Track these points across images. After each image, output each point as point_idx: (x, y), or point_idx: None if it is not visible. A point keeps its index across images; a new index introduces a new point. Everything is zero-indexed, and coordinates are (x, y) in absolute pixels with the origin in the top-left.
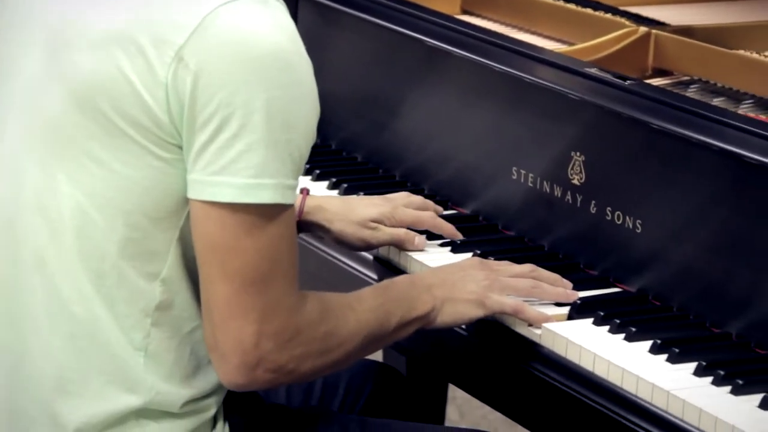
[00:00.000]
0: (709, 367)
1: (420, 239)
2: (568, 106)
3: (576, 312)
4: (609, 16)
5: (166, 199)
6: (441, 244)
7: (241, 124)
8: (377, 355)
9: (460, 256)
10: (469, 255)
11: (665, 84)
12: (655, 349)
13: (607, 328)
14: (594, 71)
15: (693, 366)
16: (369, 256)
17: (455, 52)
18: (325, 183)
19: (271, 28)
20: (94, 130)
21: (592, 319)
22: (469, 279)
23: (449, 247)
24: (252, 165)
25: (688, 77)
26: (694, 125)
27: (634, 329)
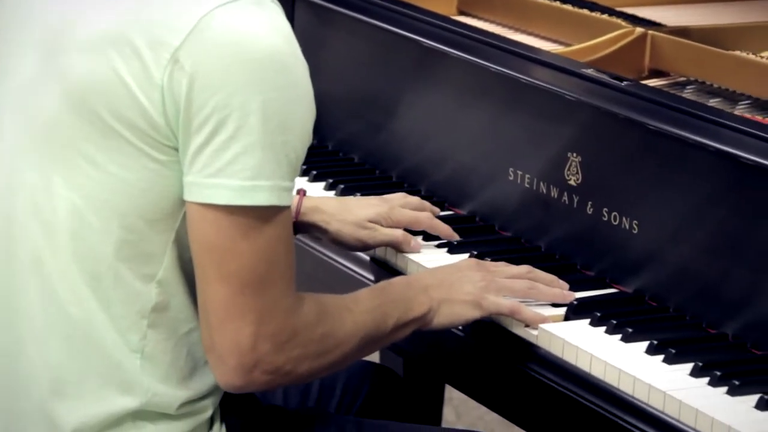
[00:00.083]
0: (706, 368)
1: (416, 242)
2: (565, 107)
3: (573, 313)
4: (605, 17)
5: (162, 201)
6: (438, 244)
7: (237, 126)
8: (374, 356)
9: (457, 257)
10: (466, 256)
11: (662, 85)
12: (651, 350)
13: (603, 328)
14: (590, 72)
15: (689, 367)
16: (366, 257)
17: (452, 52)
18: (322, 184)
19: (267, 29)
20: (89, 132)
21: (588, 320)
22: (465, 280)
23: (446, 248)
24: (248, 167)
25: (684, 78)
26: (690, 126)
27: (630, 330)
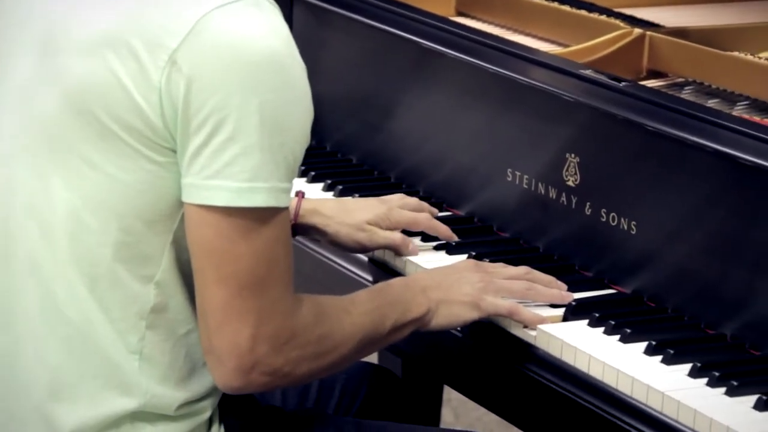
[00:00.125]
0: (704, 369)
1: (415, 245)
2: (563, 108)
3: (571, 313)
4: (603, 17)
5: (160, 203)
6: (436, 245)
7: (235, 128)
8: (373, 357)
9: (456, 258)
10: (465, 257)
11: (660, 86)
12: (650, 351)
13: (602, 329)
14: (589, 73)
15: (688, 367)
16: (364, 258)
17: (450, 53)
18: (320, 185)
19: (265, 31)
20: (87, 134)
21: (587, 321)
22: (464, 281)
23: (444, 249)
24: (246, 168)
25: (682, 79)
26: (688, 127)
27: (629, 331)
